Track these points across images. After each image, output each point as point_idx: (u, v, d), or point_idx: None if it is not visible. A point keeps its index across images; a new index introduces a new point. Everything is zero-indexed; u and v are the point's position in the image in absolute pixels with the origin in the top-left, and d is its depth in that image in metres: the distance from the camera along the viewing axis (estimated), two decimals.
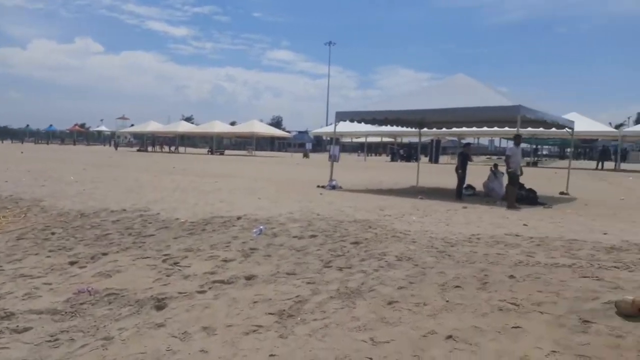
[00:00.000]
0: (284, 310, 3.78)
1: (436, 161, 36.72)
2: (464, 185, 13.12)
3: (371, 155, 56.35)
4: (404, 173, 21.85)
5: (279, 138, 69.37)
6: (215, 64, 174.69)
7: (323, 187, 13.81)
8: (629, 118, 73.56)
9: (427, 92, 14.30)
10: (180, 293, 4.26)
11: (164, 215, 7.89)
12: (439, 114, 14.11)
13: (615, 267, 4.76)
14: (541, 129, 17.98)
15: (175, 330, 3.49)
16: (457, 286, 4.17)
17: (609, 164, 33.47)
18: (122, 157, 32.52)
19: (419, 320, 3.52)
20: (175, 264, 5.15)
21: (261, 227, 6.50)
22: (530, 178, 17.03)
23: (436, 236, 6.30)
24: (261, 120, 68.08)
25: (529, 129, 18.30)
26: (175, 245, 5.85)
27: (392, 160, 40.43)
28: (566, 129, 15.49)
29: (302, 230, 6.54)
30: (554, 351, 2.99)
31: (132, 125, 66.07)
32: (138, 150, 53.30)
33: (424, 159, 39.33)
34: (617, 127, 51.02)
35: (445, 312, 3.66)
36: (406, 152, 41.08)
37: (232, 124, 68.29)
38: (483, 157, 42.03)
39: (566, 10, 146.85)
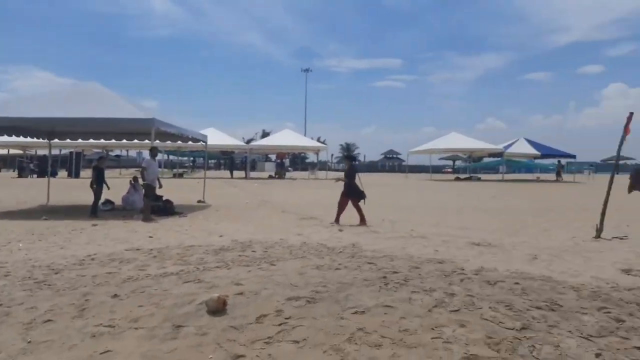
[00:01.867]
0: None
1: (77, 175, 33.22)
2: (102, 201, 12.32)
3: None
4: (34, 191, 18.70)
5: None
6: None
7: None
8: (256, 134, 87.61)
9: (55, 99, 12.54)
10: None
11: None
12: (68, 123, 12.71)
13: (217, 267, 5.29)
14: (179, 142, 18.95)
15: None
16: (49, 320, 3.62)
17: (241, 173, 39.16)
18: None
19: None
20: None
21: None
22: (175, 189, 17.75)
23: (41, 264, 5.42)
24: None
25: (168, 142, 19.11)
26: None
27: (21, 176, 33.77)
28: (201, 142, 16.87)
29: None
30: None
31: None
32: None
33: (63, 174, 35.00)
34: (248, 141, 60.32)
35: (24, 355, 3.07)
36: (39, 166, 35.25)
37: None
38: (132, 170, 41.13)
39: (208, 36, 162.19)
